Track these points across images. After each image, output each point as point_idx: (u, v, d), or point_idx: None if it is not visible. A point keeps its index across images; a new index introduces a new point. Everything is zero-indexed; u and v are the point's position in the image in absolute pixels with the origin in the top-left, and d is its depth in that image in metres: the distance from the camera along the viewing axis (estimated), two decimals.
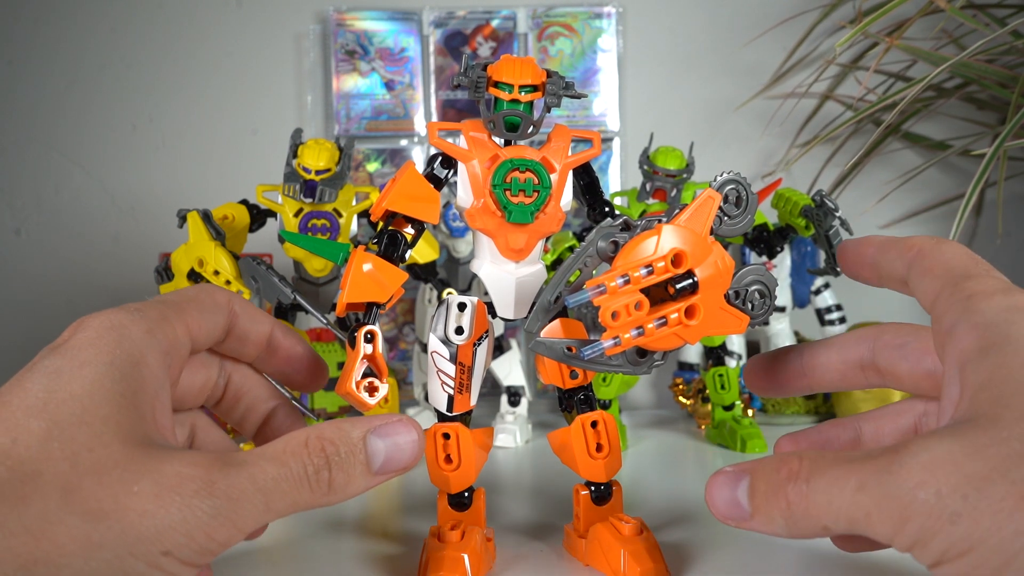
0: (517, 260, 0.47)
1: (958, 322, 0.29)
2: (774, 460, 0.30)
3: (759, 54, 1.06)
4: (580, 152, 0.48)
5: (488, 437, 0.51)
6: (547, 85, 0.47)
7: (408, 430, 0.35)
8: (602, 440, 0.48)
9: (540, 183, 0.46)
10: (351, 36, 1.07)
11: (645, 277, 0.37)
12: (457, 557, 0.44)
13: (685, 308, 0.37)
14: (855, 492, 0.26)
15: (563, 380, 0.48)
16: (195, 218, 0.69)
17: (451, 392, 0.47)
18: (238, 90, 1.09)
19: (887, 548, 0.30)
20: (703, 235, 0.38)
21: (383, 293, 0.44)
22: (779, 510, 0.29)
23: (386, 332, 1.07)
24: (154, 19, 1.09)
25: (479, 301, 0.47)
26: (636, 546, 0.44)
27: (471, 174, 0.47)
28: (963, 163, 1.08)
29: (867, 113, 0.83)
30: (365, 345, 0.43)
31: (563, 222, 0.48)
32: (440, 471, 0.48)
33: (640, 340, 0.37)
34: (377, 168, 1.08)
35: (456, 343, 0.46)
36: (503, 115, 0.46)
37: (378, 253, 0.46)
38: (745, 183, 0.40)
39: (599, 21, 1.08)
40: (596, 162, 1.08)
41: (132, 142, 1.09)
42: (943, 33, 0.99)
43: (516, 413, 0.89)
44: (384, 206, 0.46)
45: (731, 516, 0.31)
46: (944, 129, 1.07)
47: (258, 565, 0.51)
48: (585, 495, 0.49)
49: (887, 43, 0.83)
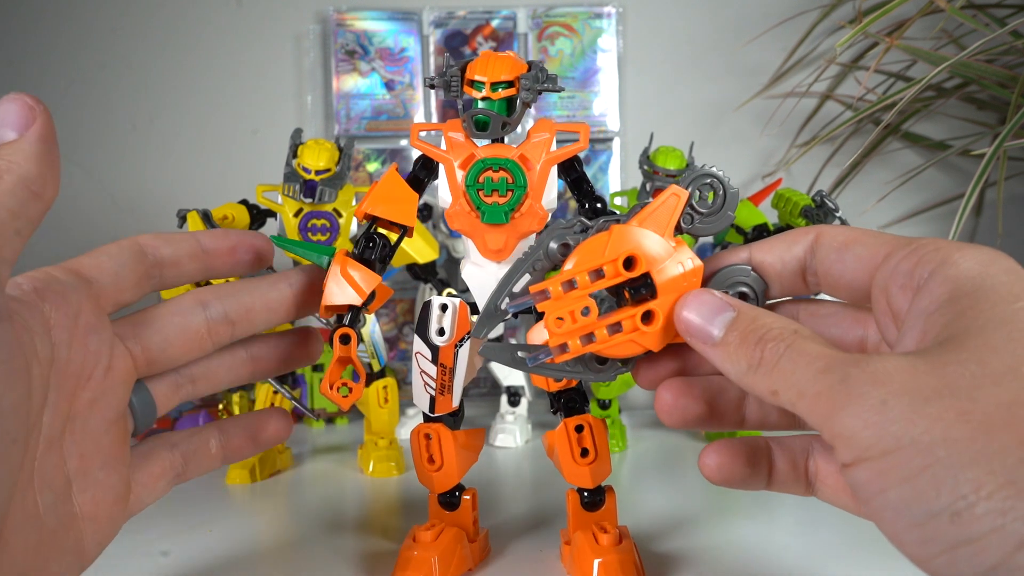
0: (497, 260, 0.47)
1: (932, 275, 0.28)
2: (767, 312, 0.31)
3: (759, 54, 1.06)
4: (564, 147, 0.47)
5: (477, 439, 0.51)
6: (520, 80, 0.45)
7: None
8: (587, 444, 0.47)
9: (514, 182, 0.45)
10: (351, 36, 1.07)
11: (593, 282, 0.34)
12: (425, 558, 0.45)
13: (642, 313, 0.34)
14: (819, 372, 0.27)
15: (547, 383, 0.47)
16: (195, 218, 0.69)
17: (433, 393, 0.47)
18: (238, 90, 1.09)
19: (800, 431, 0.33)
20: (665, 235, 0.35)
21: (360, 295, 0.44)
22: (747, 356, 0.29)
23: (386, 332, 1.07)
24: (154, 19, 1.09)
25: (461, 302, 0.47)
26: (610, 557, 0.44)
27: (449, 175, 0.47)
28: (963, 163, 1.08)
29: (867, 113, 0.83)
30: (341, 347, 0.44)
31: (545, 221, 0.46)
32: (424, 471, 0.48)
33: (593, 347, 0.35)
34: (377, 168, 1.08)
35: (438, 344, 0.46)
36: (472, 114, 0.45)
37: (355, 256, 0.46)
38: (721, 177, 0.37)
39: (599, 21, 1.08)
40: (596, 162, 1.08)
41: (132, 142, 1.09)
42: (943, 33, 0.99)
43: (516, 413, 0.89)
44: (364, 209, 0.46)
45: (695, 333, 0.32)
46: (944, 129, 1.07)
47: (257, 566, 0.51)
48: (574, 500, 0.48)
49: (887, 43, 0.83)
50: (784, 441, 0.35)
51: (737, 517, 0.58)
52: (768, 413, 0.36)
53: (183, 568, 0.50)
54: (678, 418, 0.34)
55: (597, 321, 0.34)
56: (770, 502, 0.61)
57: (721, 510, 0.60)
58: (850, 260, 0.32)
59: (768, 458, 0.35)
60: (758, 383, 0.29)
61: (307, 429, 0.96)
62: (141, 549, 0.53)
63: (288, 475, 0.74)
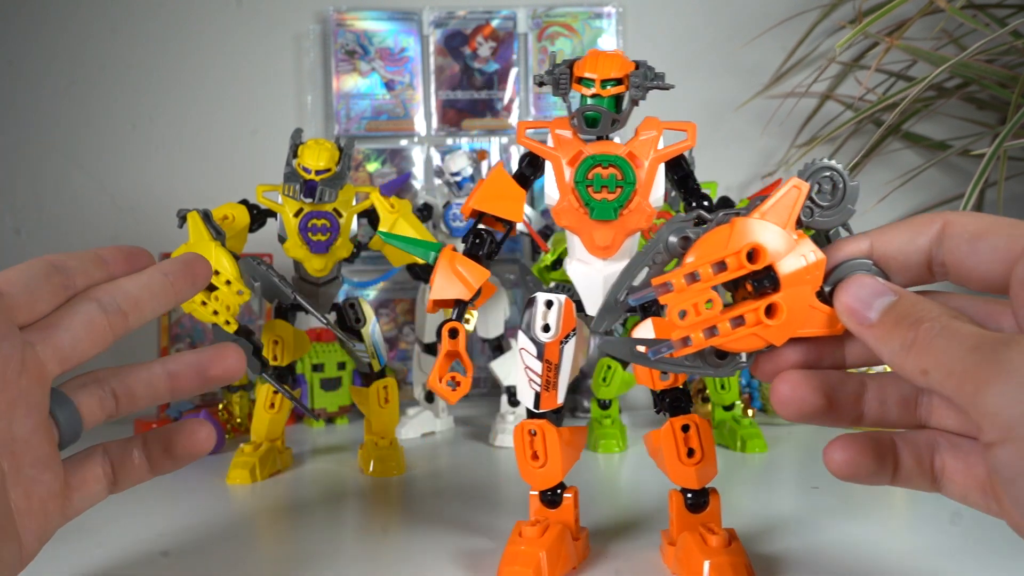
0: (604, 257, 0.47)
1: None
2: (925, 298, 0.31)
3: (759, 54, 1.06)
4: (671, 145, 0.47)
5: (581, 436, 0.51)
6: (630, 78, 0.46)
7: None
8: (694, 445, 0.46)
9: (624, 178, 0.46)
10: (351, 36, 1.07)
11: (716, 275, 0.34)
12: (532, 553, 0.44)
13: (765, 306, 0.34)
14: (968, 351, 0.27)
15: (653, 381, 0.47)
16: (195, 218, 0.69)
17: (538, 389, 0.47)
18: (238, 90, 1.09)
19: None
20: (787, 228, 0.35)
21: (468, 290, 0.46)
22: (901, 336, 0.30)
23: (386, 332, 1.07)
24: (154, 19, 1.09)
25: (566, 299, 0.47)
26: (721, 559, 0.43)
27: (557, 172, 0.47)
28: (963, 163, 1.08)
29: (867, 113, 0.83)
30: (449, 340, 0.45)
31: (652, 218, 0.47)
32: (528, 467, 0.49)
33: (714, 340, 0.34)
34: (377, 168, 1.08)
35: (543, 340, 0.47)
36: (582, 111, 0.46)
37: (464, 252, 0.48)
38: (841, 170, 0.37)
39: (599, 21, 1.08)
40: None
41: (132, 142, 1.09)
42: (943, 33, 0.99)
43: (516, 413, 0.89)
44: (471, 206, 0.47)
45: (853, 313, 0.32)
46: (944, 129, 1.07)
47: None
48: (678, 501, 0.48)
49: (887, 43, 0.83)
50: (908, 436, 0.35)
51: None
52: (888, 410, 0.35)
53: (183, 568, 0.50)
54: (795, 410, 0.34)
55: (720, 315, 0.34)
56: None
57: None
58: (985, 251, 0.31)
59: (893, 452, 0.34)
60: (909, 363, 0.29)
61: (307, 429, 0.96)
62: (141, 549, 0.53)
63: (288, 475, 0.74)
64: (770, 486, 0.70)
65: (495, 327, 0.92)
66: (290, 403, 0.74)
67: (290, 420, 0.89)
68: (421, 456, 0.80)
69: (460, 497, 0.66)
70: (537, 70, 1.08)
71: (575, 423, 0.95)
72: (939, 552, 0.50)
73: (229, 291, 0.66)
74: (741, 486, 0.68)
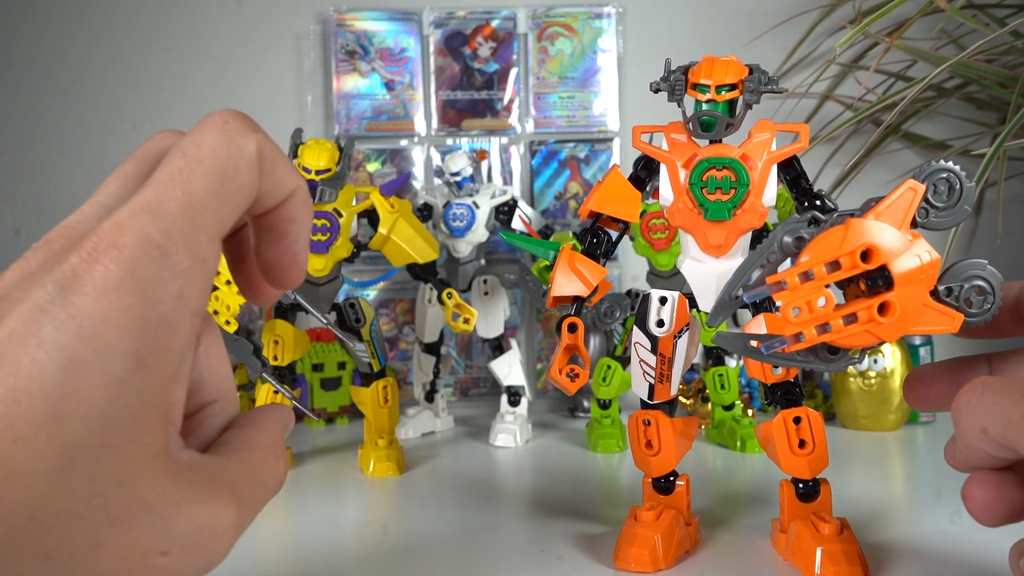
0: (717, 256, 0.48)
1: None
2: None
3: (759, 54, 1.05)
4: (784, 147, 0.49)
5: (692, 426, 0.53)
6: (745, 83, 0.48)
7: None
8: (805, 436, 0.48)
9: (738, 180, 0.48)
10: (351, 36, 1.07)
11: (830, 274, 0.35)
12: (648, 535, 0.46)
13: (878, 304, 0.35)
14: (1021, 398, 0.28)
15: (765, 375, 0.49)
16: None
17: (652, 381, 0.50)
18: (238, 90, 1.09)
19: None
20: (901, 228, 0.35)
21: (586, 287, 0.48)
22: (954, 406, 0.31)
23: (386, 332, 1.07)
24: (154, 19, 1.09)
25: (680, 295, 0.50)
26: (834, 547, 0.44)
27: (672, 174, 0.49)
28: (963, 163, 1.07)
29: (867, 113, 0.83)
30: (568, 335, 0.47)
31: (765, 217, 0.48)
32: (642, 455, 0.51)
33: (827, 337, 0.35)
34: (377, 168, 1.08)
35: (657, 335, 0.49)
36: (698, 116, 0.48)
37: (582, 251, 0.50)
38: (957, 172, 0.37)
39: (599, 21, 1.08)
40: (596, 162, 1.08)
41: (132, 142, 1.09)
42: (943, 33, 0.99)
43: (516, 413, 0.89)
44: (589, 207, 0.50)
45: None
46: (944, 129, 1.07)
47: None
48: (790, 490, 0.49)
49: (887, 43, 0.83)
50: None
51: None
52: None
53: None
54: (992, 516, 0.32)
55: (833, 312, 0.35)
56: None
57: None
58: None
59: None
60: (967, 425, 0.31)
61: (307, 429, 0.96)
62: None
63: (288, 475, 0.74)
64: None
65: (495, 327, 0.92)
66: (290, 403, 0.74)
67: None
68: (421, 456, 0.80)
69: (460, 497, 0.66)
70: (537, 70, 1.08)
71: (575, 423, 0.95)
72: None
73: (229, 291, 0.66)
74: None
